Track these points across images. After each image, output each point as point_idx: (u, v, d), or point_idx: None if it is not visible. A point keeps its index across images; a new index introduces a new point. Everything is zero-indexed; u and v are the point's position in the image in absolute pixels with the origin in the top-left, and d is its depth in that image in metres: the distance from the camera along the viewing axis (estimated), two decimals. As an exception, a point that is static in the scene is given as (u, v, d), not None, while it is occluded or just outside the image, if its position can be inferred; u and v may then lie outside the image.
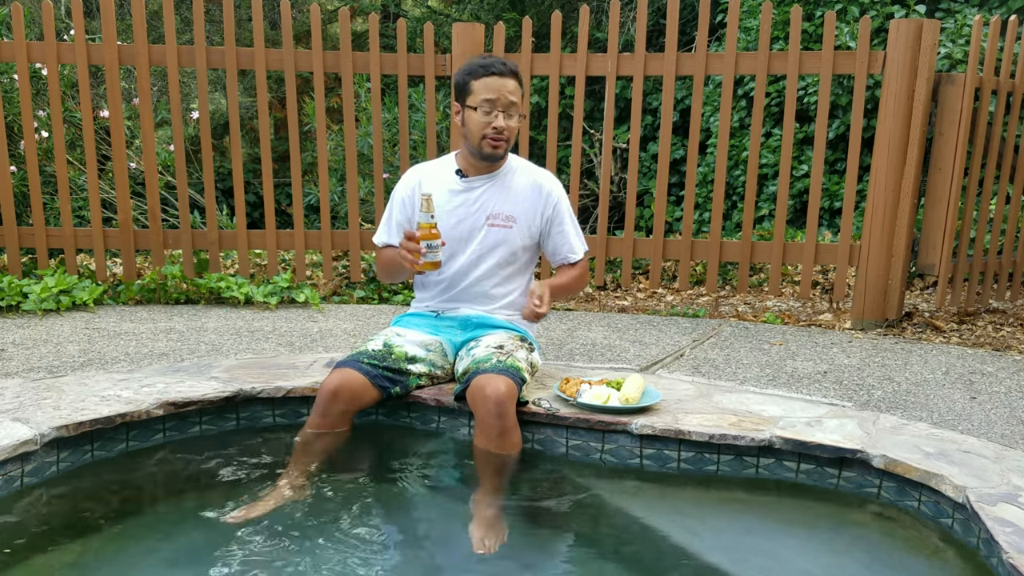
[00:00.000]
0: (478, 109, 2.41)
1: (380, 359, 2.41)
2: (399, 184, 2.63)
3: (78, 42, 3.85)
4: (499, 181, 2.56)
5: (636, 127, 4.02)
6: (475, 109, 2.42)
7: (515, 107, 2.43)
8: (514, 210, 2.55)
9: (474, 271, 2.57)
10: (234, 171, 4.05)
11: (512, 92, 2.42)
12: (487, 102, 2.40)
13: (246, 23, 7.48)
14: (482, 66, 2.42)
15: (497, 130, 2.42)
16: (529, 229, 2.58)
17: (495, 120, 2.41)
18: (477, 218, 2.54)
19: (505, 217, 2.54)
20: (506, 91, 2.41)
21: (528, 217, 2.56)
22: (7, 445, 2.00)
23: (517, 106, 2.44)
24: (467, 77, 2.44)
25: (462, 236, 2.54)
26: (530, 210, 2.57)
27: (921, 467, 2.04)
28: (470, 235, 2.55)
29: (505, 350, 2.41)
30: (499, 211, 2.54)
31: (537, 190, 2.57)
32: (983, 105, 3.80)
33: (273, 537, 1.88)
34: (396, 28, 4.01)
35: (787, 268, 5.08)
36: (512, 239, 2.55)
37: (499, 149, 2.46)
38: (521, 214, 2.55)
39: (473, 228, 2.54)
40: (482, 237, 2.54)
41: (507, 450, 2.23)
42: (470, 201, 2.54)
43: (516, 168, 2.60)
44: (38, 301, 3.59)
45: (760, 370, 3.03)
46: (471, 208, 2.54)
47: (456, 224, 2.53)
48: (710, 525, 2.05)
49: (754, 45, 5.94)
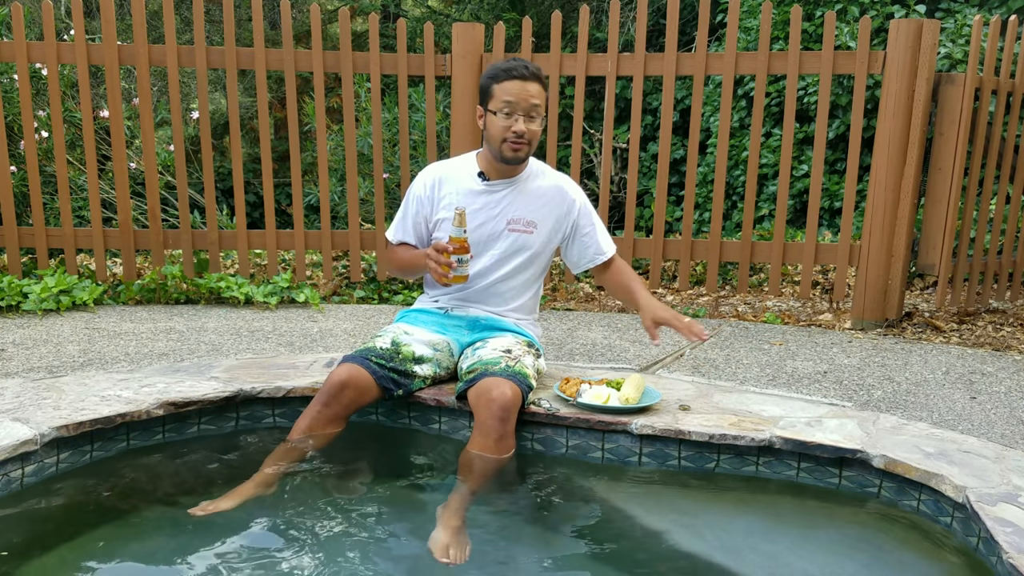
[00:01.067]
0: (499, 113, 2.39)
1: (387, 359, 2.40)
2: (416, 181, 2.60)
3: (78, 42, 3.85)
4: (521, 185, 2.54)
5: (636, 127, 4.02)
6: (496, 113, 2.40)
7: (536, 110, 2.41)
8: (536, 215, 2.54)
9: (492, 274, 2.55)
10: (234, 171, 4.05)
11: (534, 96, 2.39)
12: (507, 104, 2.38)
13: (246, 23, 7.48)
14: (504, 70, 2.40)
15: (517, 134, 2.39)
16: (550, 235, 2.57)
17: (515, 124, 2.39)
18: (498, 222, 2.52)
19: (526, 223, 2.53)
20: (527, 94, 2.38)
21: (550, 223, 2.55)
22: (7, 445, 2.00)
23: (539, 109, 2.41)
24: (489, 81, 2.42)
25: (482, 239, 2.51)
26: (551, 216, 2.55)
27: (921, 467, 2.04)
28: (490, 239, 2.53)
29: (513, 355, 2.40)
30: (520, 216, 2.52)
31: (560, 195, 2.56)
32: (983, 105, 3.80)
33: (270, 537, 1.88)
34: (396, 28, 4.01)
35: (787, 268, 5.08)
36: (532, 244, 2.54)
37: (520, 152, 2.43)
38: (542, 220, 2.54)
39: (494, 232, 2.52)
40: (502, 241, 2.53)
41: (501, 453, 2.21)
42: (491, 204, 2.52)
43: (538, 172, 2.59)
44: (38, 301, 3.59)
45: (760, 370, 3.03)
46: (492, 212, 2.52)
47: (477, 227, 2.49)
48: (710, 525, 2.05)
49: (754, 45, 5.94)
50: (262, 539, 1.89)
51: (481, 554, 1.84)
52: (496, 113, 2.40)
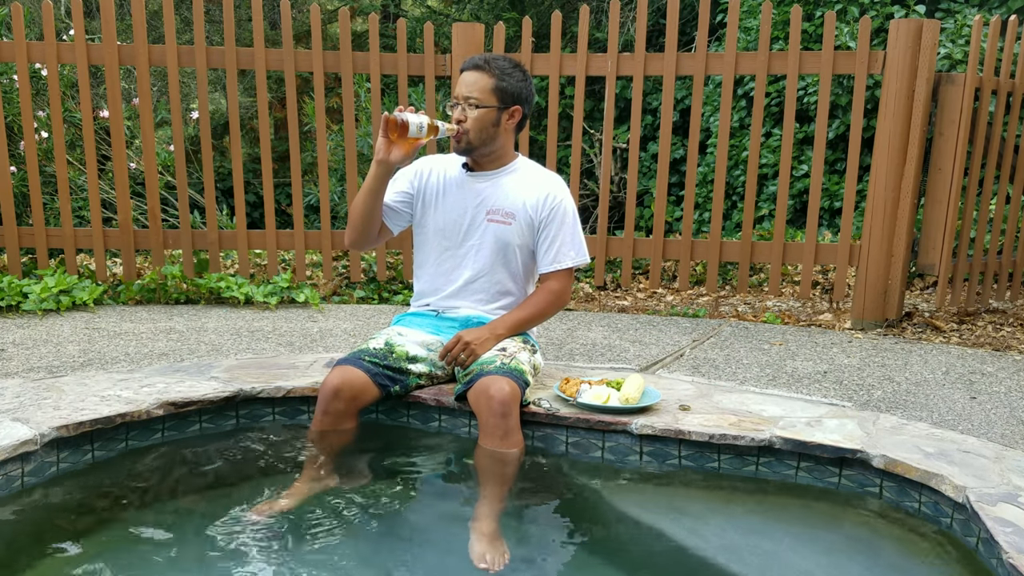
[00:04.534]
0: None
1: (381, 358, 2.42)
2: (410, 165, 2.65)
3: (78, 42, 3.85)
4: (503, 178, 2.57)
5: (636, 127, 4.02)
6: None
7: (472, 99, 2.43)
8: (513, 207, 2.55)
9: (472, 264, 2.56)
10: (234, 171, 4.05)
11: (469, 84, 2.44)
12: (453, 98, 2.48)
13: (246, 23, 7.48)
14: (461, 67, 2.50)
15: (457, 121, 2.45)
16: (526, 228, 2.57)
17: (454, 113, 2.46)
18: (477, 212, 2.55)
19: (504, 213, 2.54)
20: (462, 84, 2.45)
21: (526, 216, 2.56)
22: (7, 445, 2.00)
23: (471, 99, 2.43)
24: None
25: (462, 228, 2.55)
26: (528, 209, 2.56)
27: (921, 467, 2.04)
28: (470, 227, 2.55)
29: (508, 352, 2.41)
30: (499, 207, 2.54)
31: (538, 190, 2.57)
32: (983, 105, 3.80)
33: (271, 538, 1.88)
34: (396, 28, 4.01)
35: (787, 268, 5.08)
36: (510, 236, 2.55)
37: (460, 144, 2.48)
38: (520, 212, 2.55)
39: (473, 221, 2.55)
40: (481, 231, 2.55)
41: (509, 448, 2.23)
42: (472, 194, 2.55)
43: (523, 168, 2.61)
44: (38, 301, 3.59)
45: (760, 370, 3.03)
46: (472, 201, 2.55)
47: (458, 216, 2.55)
48: (710, 525, 2.05)
49: (754, 45, 5.94)
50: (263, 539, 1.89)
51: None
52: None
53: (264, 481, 2.19)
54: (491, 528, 1.94)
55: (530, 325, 2.59)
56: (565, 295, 2.59)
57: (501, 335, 2.47)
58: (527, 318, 2.55)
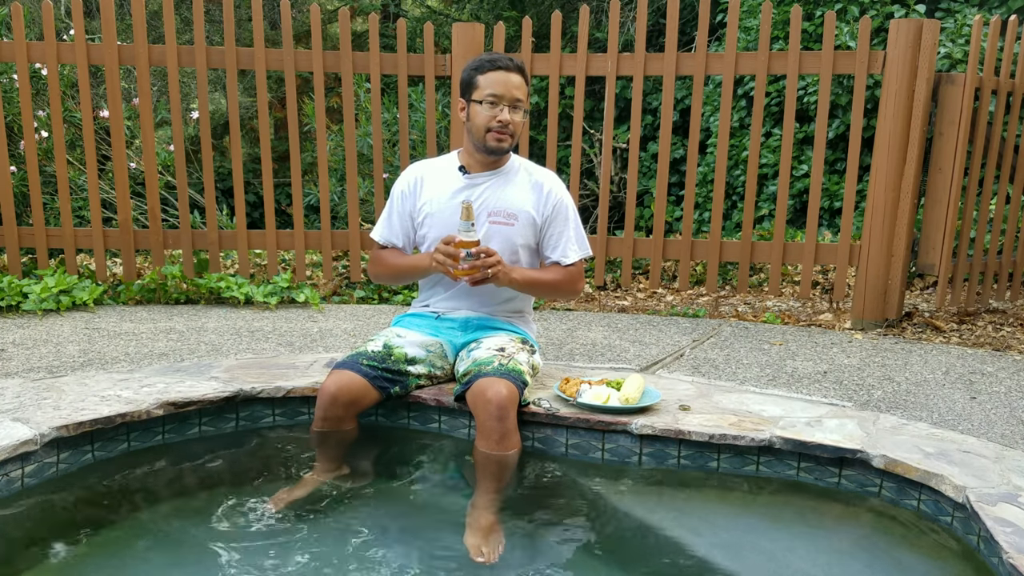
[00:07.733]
0: (483, 103, 2.43)
1: (379, 360, 2.41)
2: (400, 179, 2.64)
3: (78, 42, 3.85)
4: (502, 179, 2.56)
5: (636, 127, 4.02)
6: (480, 103, 2.43)
7: (520, 102, 2.45)
8: (515, 207, 2.54)
9: None
10: (234, 171, 4.05)
11: (517, 87, 2.44)
12: (493, 96, 2.42)
13: (246, 23, 7.48)
14: (488, 61, 2.45)
15: (502, 124, 2.43)
16: (530, 228, 2.57)
17: (500, 114, 2.42)
18: (479, 215, 2.54)
19: (507, 215, 2.54)
20: (512, 85, 2.42)
21: (528, 215, 2.56)
22: (7, 445, 2.00)
23: (522, 101, 2.45)
24: (473, 72, 2.47)
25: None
26: (530, 208, 2.56)
27: (921, 467, 2.05)
28: None
29: (506, 353, 2.41)
30: (501, 208, 2.54)
31: (538, 189, 2.57)
32: (983, 105, 3.80)
33: (270, 537, 1.88)
34: (396, 28, 4.01)
35: (787, 268, 5.08)
36: (513, 237, 2.54)
37: (503, 143, 2.46)
38: (522, 212, 2.55)
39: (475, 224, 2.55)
40: (483, 234, 2.54)
41: (505, 450, 2.23)
42: (472, 198, 2.54)
43: (519, 167, 2.60)
44: (38, 301, 3.59)
45: (760, 370, 3.03)
46: (473, 205, 2.54)
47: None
48: (710, 525, 2.05)
49: (754, 45, 5.94)
50: (263, 538, 1.89)
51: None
52: (481, 103, 2.43)
53: (264, 481, 2.19)
54: (487, 521, 1.95)
55: (540, 291, 2.63)
56: (579, 282, 2.65)
57: (515, 279, 2.45)
58: (542, 281, 2.57)
